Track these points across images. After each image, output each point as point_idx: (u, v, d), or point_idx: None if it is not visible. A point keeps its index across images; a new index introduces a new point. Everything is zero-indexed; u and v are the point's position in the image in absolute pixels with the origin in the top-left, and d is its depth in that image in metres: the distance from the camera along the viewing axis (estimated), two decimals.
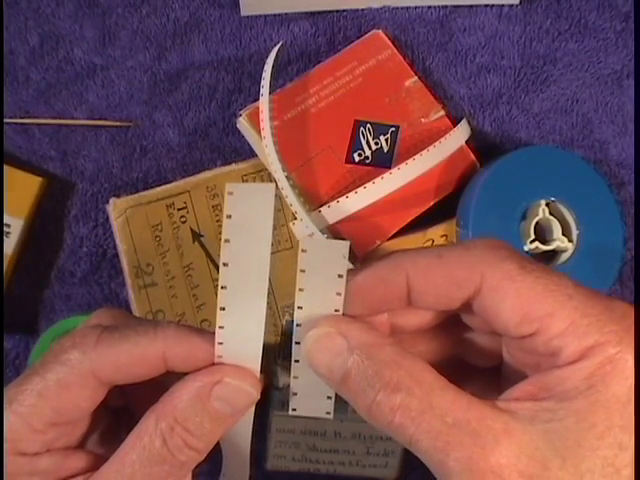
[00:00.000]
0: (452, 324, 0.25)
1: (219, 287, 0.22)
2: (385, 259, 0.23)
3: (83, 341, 0.23)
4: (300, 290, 0.23)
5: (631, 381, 0.19)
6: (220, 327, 0.23)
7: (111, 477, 0.23)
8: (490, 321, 0.22)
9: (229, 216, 0.22)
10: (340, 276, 0.23)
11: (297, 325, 0.23)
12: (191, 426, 0.22)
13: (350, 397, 0.22)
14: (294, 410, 0.24)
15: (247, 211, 0.22)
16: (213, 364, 0.23)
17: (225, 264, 0.22)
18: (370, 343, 0.22)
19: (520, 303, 0.21)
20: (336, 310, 0.23)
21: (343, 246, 0.22)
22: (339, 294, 0.23)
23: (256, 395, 0.23)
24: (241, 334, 0.23)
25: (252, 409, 0.24)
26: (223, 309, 0.23)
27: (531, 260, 0.22)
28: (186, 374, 0.24)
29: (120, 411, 0.27)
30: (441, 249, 0.23)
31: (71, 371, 0.23)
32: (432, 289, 0.22)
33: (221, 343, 0.23)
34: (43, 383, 0.23)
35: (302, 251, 0.22)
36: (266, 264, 0.22)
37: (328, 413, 0.24)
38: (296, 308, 0.23)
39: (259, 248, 0.22)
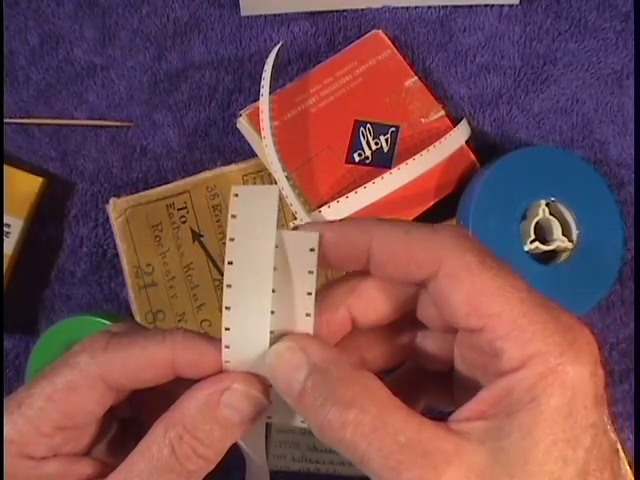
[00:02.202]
0: (408, 324, 0.25)
1: (224, 285, 0.22)
2: (355, 222, 0.23)
3: (92, 345, 0.23)
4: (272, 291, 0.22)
5: (571, 393, 0.19)
6: (226, 329, 0.23)
7: None
8: (441, 307, 0.22)
9: (234, 216, 0.22)
10: (310, 272, 0.22)
11: (271, 332, 0.22)
12: (200, 434, 0.22)
13: (305, 413, 0.21)
14: (269, 418, 0.24)
15: (252, 211, 0.22)
16: (221, 371, 0.23)
17: (230, 262, 0.22)
18: (328, 359, 0.22)
19: (472, 296, 0.21)
20: (307, 314, 0.22)
21: (312, 238, 0.22)
22: (310, 294, 0.22)
23: (265, 401, 0.23)
24: (247, 336, 0.22)
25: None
26: (228, 308, 0.22)
27: (494, 257, 0.22)
28: (196, 382, 0.23)
29: (128, 422, 0.27)
30: (410, 226, 0.23)
31: (79, 374, 0.23)
32: (392, 262, 0.22)
33: (228, 347, 0.23)
34: (51, 386, 0.23)
35: (275, 247, 0.22)
36: (270, 262, 0.22)
37: (303, 422, 0.23)
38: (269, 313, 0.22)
39: (264, 246, 0.22)
